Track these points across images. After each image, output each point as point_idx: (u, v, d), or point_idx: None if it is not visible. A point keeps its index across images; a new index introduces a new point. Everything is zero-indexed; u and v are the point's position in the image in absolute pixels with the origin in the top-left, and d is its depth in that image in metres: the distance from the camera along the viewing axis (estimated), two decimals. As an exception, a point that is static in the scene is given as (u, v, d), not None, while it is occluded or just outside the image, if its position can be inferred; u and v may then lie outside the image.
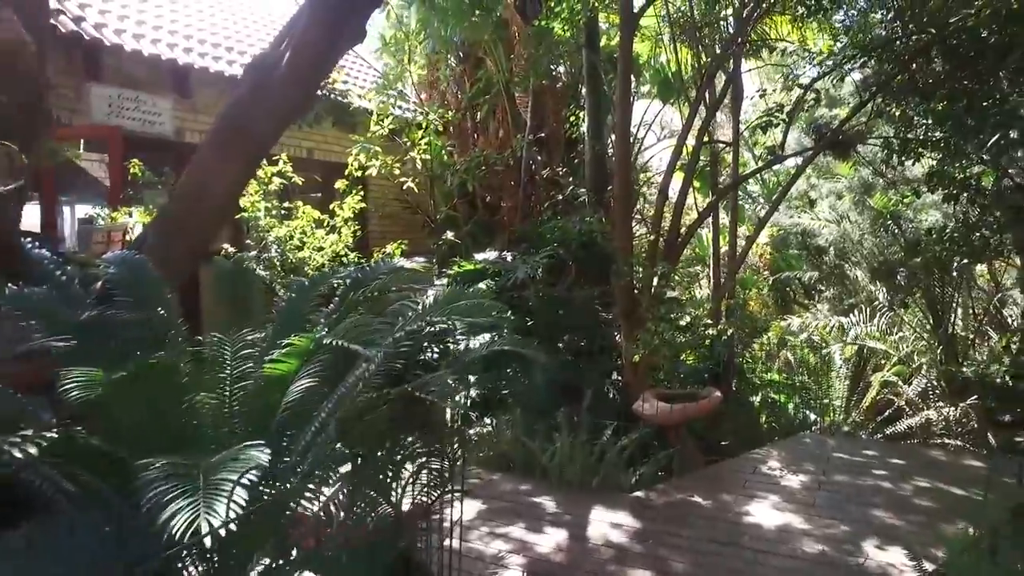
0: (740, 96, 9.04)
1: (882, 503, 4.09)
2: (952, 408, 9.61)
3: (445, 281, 3.62)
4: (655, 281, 6.16)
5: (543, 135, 9.22)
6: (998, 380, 10.32)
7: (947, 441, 9.63)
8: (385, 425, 2.50)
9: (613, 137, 7.42)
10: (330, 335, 2.28)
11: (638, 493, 4.34)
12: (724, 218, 8.67)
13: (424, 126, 8.96)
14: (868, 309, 10.83)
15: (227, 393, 2.40)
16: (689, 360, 7.42)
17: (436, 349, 4.41)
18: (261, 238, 6.56)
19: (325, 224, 6.98)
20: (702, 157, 9.63)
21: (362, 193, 7.66)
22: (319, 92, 7.79)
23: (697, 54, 8.04)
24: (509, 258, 7.95)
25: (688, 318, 6.56)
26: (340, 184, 7.19)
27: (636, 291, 6.03)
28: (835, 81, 7.92)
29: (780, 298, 13.13)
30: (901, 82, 7.24)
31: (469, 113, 10.22)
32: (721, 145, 8.49)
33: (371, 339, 2.36)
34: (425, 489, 2.62)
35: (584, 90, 8.09)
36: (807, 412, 8.74)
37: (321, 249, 6.68)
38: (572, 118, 8.21)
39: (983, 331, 10.70)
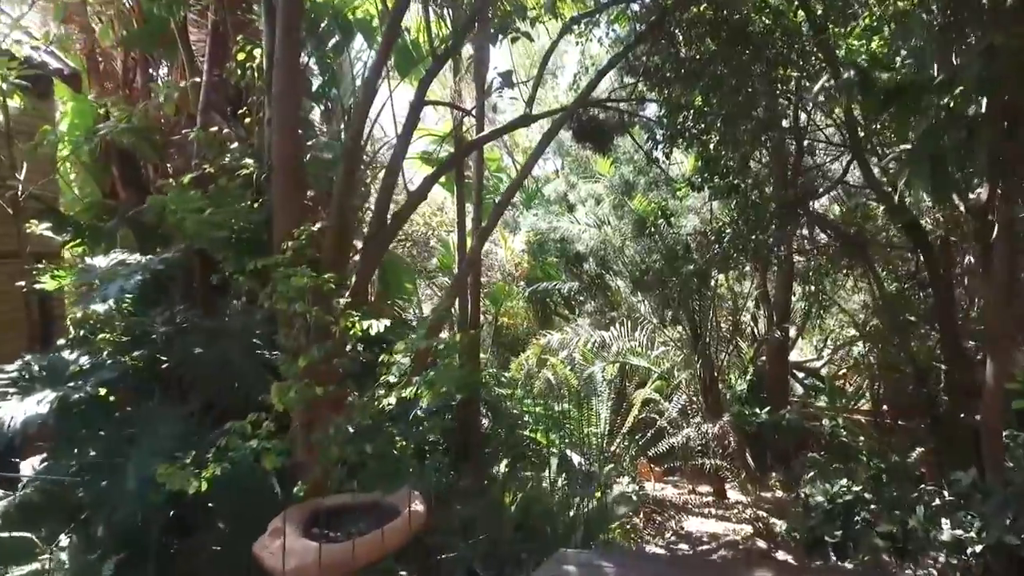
0: (485, 62, 7.21)
1: None
2: (711, 425, 8.88)
3: None
4: (340, 302, 3.78)
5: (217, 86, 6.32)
6: (743, 391, 9.98)
7: (711, 460, 8.71)
8: None
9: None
10: None
11: None
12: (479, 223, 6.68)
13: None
14: (629, 322, 9.84)
15: None
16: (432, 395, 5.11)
17: None
18: None
19: None
20: (447, 145, 7.66)
21: None
22: None
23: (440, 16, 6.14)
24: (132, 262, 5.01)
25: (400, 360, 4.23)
26: None
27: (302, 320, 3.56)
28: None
29: (540, 311, 11.81)
30: (666, 60, 6.06)
31: (139, 68, 7.03)
32: (461, 114, 6.43)
33: None
34: None
35: (263, 18, 5.42)
36: (569, 453, 7.21)
37: None
38: (242, 56, 5.44)
39: (732, 341, 10.31)
